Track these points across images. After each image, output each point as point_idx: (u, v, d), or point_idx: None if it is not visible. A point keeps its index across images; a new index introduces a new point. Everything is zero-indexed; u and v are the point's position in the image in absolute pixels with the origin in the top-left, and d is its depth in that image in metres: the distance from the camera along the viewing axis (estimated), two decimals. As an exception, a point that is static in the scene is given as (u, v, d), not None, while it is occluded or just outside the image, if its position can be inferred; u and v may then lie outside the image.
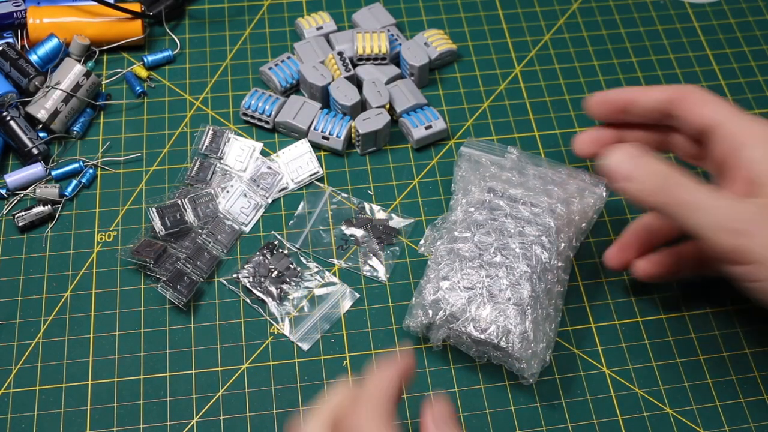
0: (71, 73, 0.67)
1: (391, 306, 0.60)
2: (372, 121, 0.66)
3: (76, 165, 0.66)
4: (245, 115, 0.68)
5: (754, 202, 0.49)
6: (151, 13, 0.73)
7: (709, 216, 0.49)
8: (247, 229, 0.64)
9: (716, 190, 0.50)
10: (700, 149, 0.56)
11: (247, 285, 0.60)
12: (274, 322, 0.60)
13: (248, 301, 0.60)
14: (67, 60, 0.68)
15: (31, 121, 0.67)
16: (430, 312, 0.56)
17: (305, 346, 0.59)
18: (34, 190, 0.64)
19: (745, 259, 0.48)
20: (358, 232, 0.63)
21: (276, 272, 0.61)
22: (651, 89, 0.57)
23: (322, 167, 0.67)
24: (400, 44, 0.72)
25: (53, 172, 0.65)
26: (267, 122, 0.68)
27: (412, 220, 0.64)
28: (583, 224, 0.60)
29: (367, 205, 0.65)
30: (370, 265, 0.62)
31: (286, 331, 0.59)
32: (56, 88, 0.66)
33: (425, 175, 0.67)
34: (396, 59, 0.72)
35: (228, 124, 0.69)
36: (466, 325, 0.55)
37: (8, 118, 0.66)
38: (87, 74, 0.67)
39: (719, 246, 0.49)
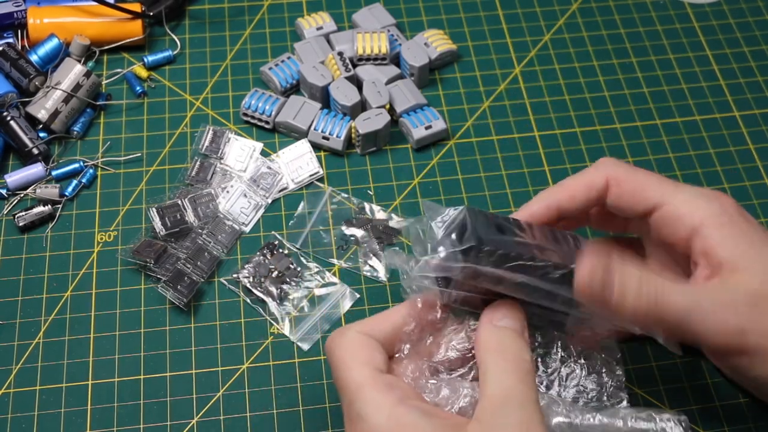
0: (71, 73, 0.67)
1: (391, 306, 0.60)
2: (372, 121, 0.66)
3: (76, 165, 0.66)
4: (245, 115, 0.69)
5: (741, 293, 0.47)
6: (151, 13, 0.73)
7: (707, 319, 0.46)
8: (247, 229, 0.64)
9: (694, 284, 0.48)
10: (642, 227, 0.53)
11: (247, 285, 0.60)
12: (274, 322, 0.60)
13: (248, 301, 0.60)
14: (67, 60, 0.68)
15: (32, 121, 0.67)
16: None
17: (305, 346, 0.59)
18: (35, 190, 0.64)
19: (743, 352, 0.47)
20: (358, 232, 0.63)
21: (276, 272, 0.61)
22: (575, 185, 0.52)
23: (322, 167, 0.67)
24: (400, 44, 0.72)
25: (53, 172, 0.65)
26: (267, 122, 0.68)
27: (412, 220, 0.64)
28: None
29: (367, 205, 0.65)
30: (370, 266, 0.62)
31: (286, 331, 0.59)
32: (56, 88, 0.66)
33: (425, 175, 0.67)
34: (396, 59, 0.72)
35: (228, 124, 0.69)
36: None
37: (8, 118, 0.66)
38: (87, 74, 0.67)
39: (719, 345, 0.47)
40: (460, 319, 0.49)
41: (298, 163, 0.66)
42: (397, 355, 0.48)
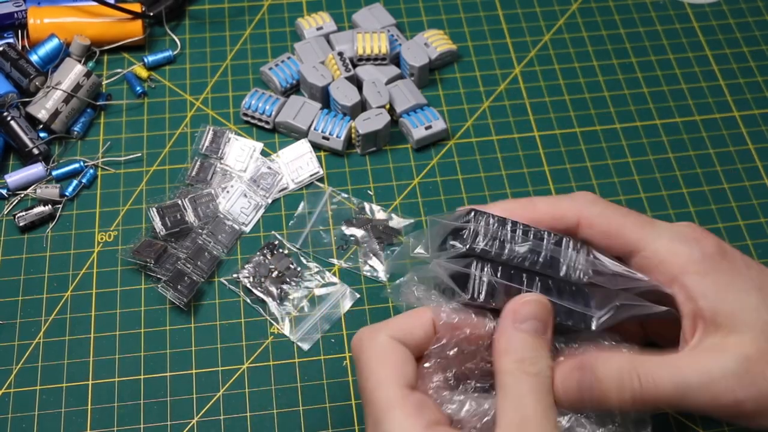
0: (72, 73, 0.67)
1: (391, 306, 0.60)
2: (372, 121, 0.66)
3: (76, 165, 0.66)
4: (245, 115, 0.69)
5: (729, 362, 0.44)
6: (151, 14, 0.73)
7: (699, 396, 0.44)
8: (247, 229, 0.64)
9: (682, 350, 0.45)
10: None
11: (248, 285, 0.60)
12: (274, 322, 0.60)
13: (248, 301, 0.60)
14: (67, 60, 0.68)
15: (32, 121, 0.67)
16: None
17: (305, 346, 0.59)
18: (35, 190, 0.64)
19: (740, 416, 0.45)
20: (358, 232, 0.63)
21: (276, 272, 0.61)
22: (540, 213, 0.48)
23: (322, 167, 0.67)
24: (400, 44, 0.72)
25: (54, 172, 0.66)
26: (267, 122, 0.68)
27: (412, 221, 0.64)
28: None
29: (367, 205, 0.65)
30: (370, 265, 0.62)
31: (286, 331, 0.59)
32: (57, 89, 0.67)
33: (425, 175, 0.67)
34: (396, 59, 0.72)
35: (228, 124, 0.69)
36: None
37: (9, 118, 0.66)
38: (87, 74, 0.67)
39: (716, 415, 0.45)
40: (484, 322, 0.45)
41: (298, 163, 0.67)
42: (423, 365, 0.45)
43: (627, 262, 0.47)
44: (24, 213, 0.63)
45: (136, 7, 0.72)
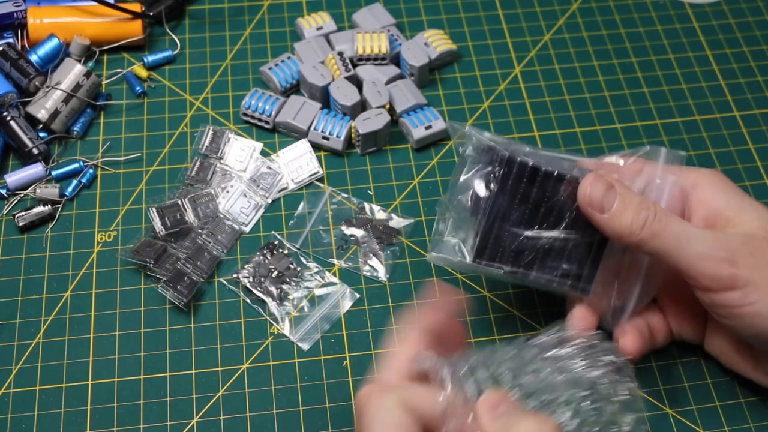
0: (71, 73, 0.67)
1: (391, 306, 0.60)
2: (372, 121, 0.66)
3: (76, 165, 0.66)
4: (245, 115, 0.69)
5: (734, 233, 0.51)
6: (151, 13, 0.73)
7: (699, 247, 0.49)
8: (247, 229, 0.64)
9: (694, 225, 0.51)
10: None
11: (247, 285, 0.60)
12: (274, 322, 0.60)
13: (248, 301, 0.60)
14: (67, 60, 0.68)
15: (32, 121, 0.67)
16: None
17: (305, 346, 0.59)
18: (35, 190, 0.64)
19: (735, 285, 0.49)
20: (358, 232, 0.63)
21: (276, 272, 0.61)
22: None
23: (322, 167, 0.67)
24: (400, 44, 0.72)
25: (53, 172, 0.65)
26: (267, 122, 0.68)
27: (412, 220, 0.64)
28: None
29: (367, 205, 0.65)
30: (370, 265, 0.62)
31: (286, 331, 0.59)
32: (56, 88, 0.66)
33: (425, 175, 0.67)
34: (396, 59, 0.72)
35: (228, 124, 0.69)
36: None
37: (8, 118, 0.66)
38: (87, 74, 0.67)
39: (710, 275, 0.49)
40: None
41: (298, 163, 0.66)
42: None
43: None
44: (23, 213, 0.63)
45: (136, 7, 0.72)
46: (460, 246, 0.53)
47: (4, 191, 0.65)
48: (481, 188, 0.52)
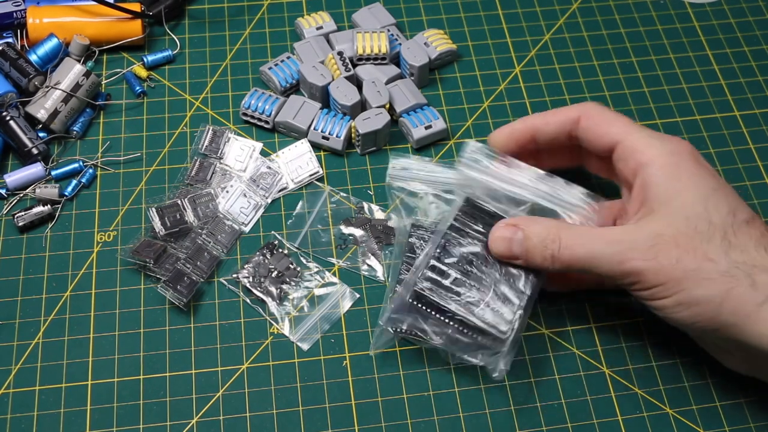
0: (71, 73, 0.67)
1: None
2: (372, 121, 0.66)
3: (75, 165, 0.66)
4: (245, 115, 0.68)
5: (640, 232, 0.51)
6: (150, 13, 0.73)
7: (605, 253, 0.51)
8: (246, 229, 0.64)
9: (596, 228, 0.53)
10: (609, 166, 0.57)
11: (247, 285, 0.60)
12: (274, 322, 0.60)
13: (248, 301, 0.60)
14: (66, 60, 0.68)
15: (31, 121, 0.67)
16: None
17: (305, 346, 0.59)
18: (34, 190, 0.64)
19: (646, 285, 0.51)
20: (357, 232, 0.63)
21: (276, 272, 0.61)
22: (552, 114, 0.58)
23: (322, 167, 0.67)
24: (400, 44, 0.72)
25: (53, 172, 0.65)
26: (267, 122, 0.68)
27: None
28: None
29: (366, 205, 0.65)
30: (368, 265, 0.62)
31: (286, 331, 0.59)
32: (56, 88, 0.66)
33: (425, 175, 0.67)
34: (396, 59, 0.72)
35: (228, 124, 0.69)
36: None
37: (8, 118, 0.66)
38: (87, 74, 0.67)
39: (618, 272, 0.51)
40: None
41: (297, 162, 0.66)
42: None
43: (612, 158, 0.55)
44: (23, 213, 0.63)
45: (136, 7, 0.72)
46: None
47: (3, 191, 0.65)
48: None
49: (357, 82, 0.69)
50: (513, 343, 0.53)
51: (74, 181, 0.65)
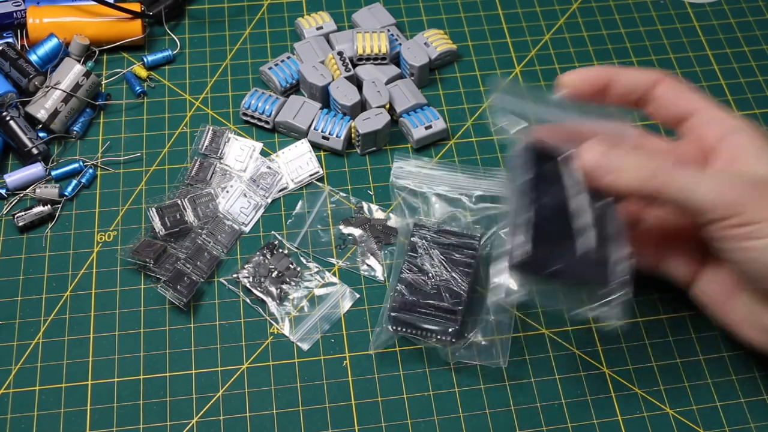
0: (71, 73, 0.67)
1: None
2: (372, 121, 0.66)
3: (76, 165, 0.66)
4: (245, 115, 0.68)
5: (743, 174, 0.51)
6: (151, 13, 0.73)
7: (709, 183, 0.49)
8: (247, 229, 0.64)
9: (700, 168, 0.52)
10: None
11: (247, 285, 0.60)
12: (274, 322, 0.60)
13: (248, 301, 0.60)
14: (66, 60, 0.68)
15: (31, 121, 0.67)
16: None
17: (305, 346, 0.59)
18: (34, 190, 0.64)
19: (746, 220, 0.49)
20: (356, 232, 0.63)
21: (276, 272, 0.61)
22: (632, 69, 0.56)
23: (322, 167, 0.67)
24: (400, 44, 0.72)
25: (53, 172, 0.65)
26: (267, 122, 0.68)
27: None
28: None
29: (365, 205, 0.65)
30: (368, 265, 0.62)
31: (286, 331, 0.59)
32: (56, 88, 0.66)
33: (425, 175, 0.67)
34: (396, 59, 0.72)
35: (228, 124, 0.69)
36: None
37: (8, 118, 0.66)
38: (87, 74, 0.67)
39: (721, 203, 0.49)
40: None
41: (297, 162, 0.66)
42: None
43: (682, 128, 0.55)
44: (23, 213, 0.63)
45: (136, 7, 0.72)
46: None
47: (3, 191, 0.65)
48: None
49: (357, 82, 0.69)
50: (622, 285, 0.52)
51: (74, 181, 0.65)
